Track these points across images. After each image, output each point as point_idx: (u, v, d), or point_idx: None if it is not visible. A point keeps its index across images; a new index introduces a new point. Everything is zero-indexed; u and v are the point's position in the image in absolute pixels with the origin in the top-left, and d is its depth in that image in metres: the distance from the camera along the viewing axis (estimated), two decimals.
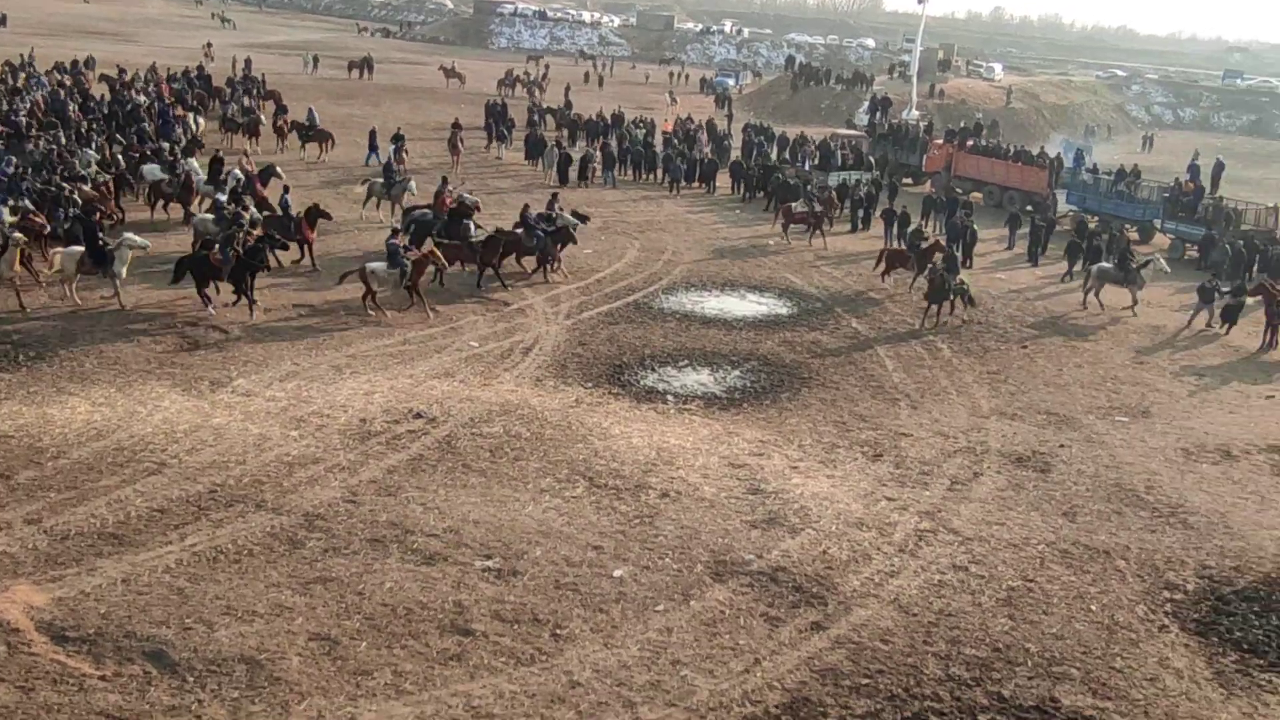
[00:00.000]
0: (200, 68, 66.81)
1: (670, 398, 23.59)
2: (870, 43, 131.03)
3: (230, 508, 17.16)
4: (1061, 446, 22.28)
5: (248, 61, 71.56)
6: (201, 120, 50.01)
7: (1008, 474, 20.79)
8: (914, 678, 14.13)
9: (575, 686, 13.41)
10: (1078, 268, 35.91)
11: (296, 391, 22.11)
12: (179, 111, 49.46)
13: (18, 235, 25.99)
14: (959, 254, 34.65)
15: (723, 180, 48.94)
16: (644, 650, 14.27)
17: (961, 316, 30.26)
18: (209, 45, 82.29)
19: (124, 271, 26.47)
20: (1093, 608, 16.19)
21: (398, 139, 46.14)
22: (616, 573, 16.12)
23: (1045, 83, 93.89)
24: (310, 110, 51.30)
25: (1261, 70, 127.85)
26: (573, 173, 46.71)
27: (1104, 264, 33.64)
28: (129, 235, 27.18)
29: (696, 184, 48.37)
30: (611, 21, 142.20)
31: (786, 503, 18.77)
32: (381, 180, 38.26)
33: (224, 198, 32.19)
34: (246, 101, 55.38)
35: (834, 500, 19.01)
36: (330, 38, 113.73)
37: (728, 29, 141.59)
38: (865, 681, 13.97)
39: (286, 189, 34.50)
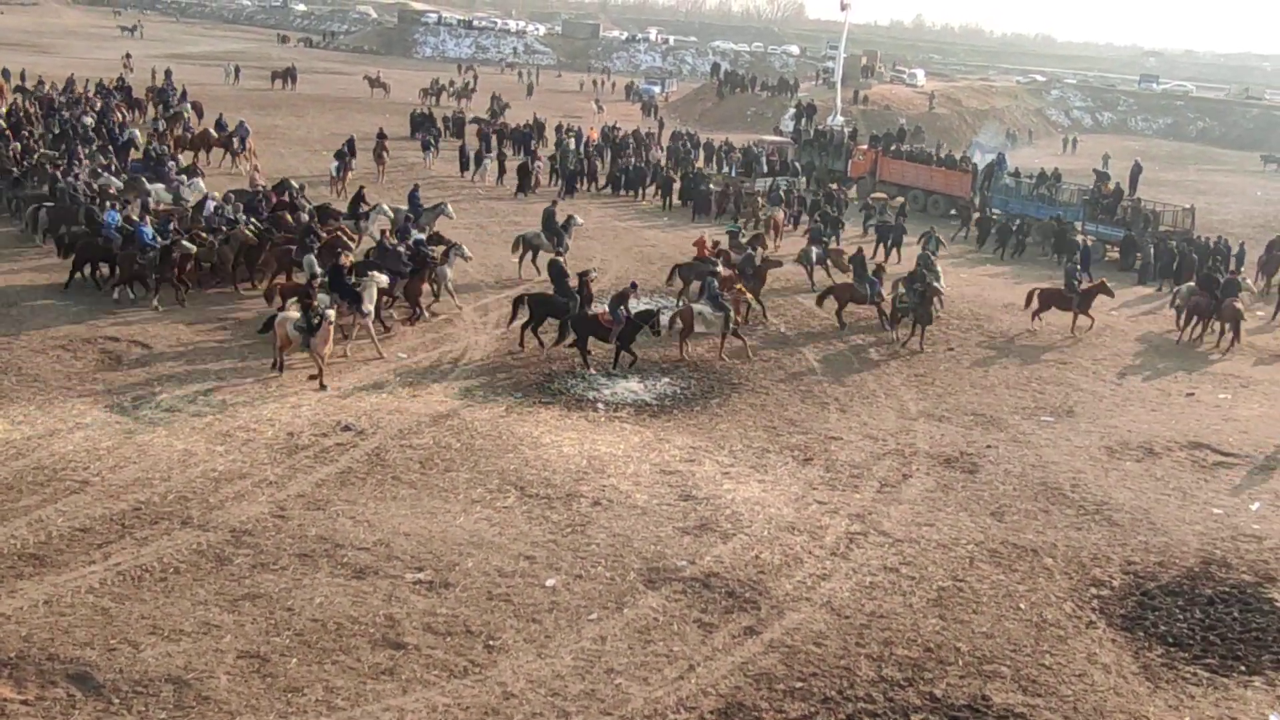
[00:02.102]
0: (121, 79, 65.78)
1: (601, 405, 23.56)
2: (795, 50, 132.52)
3: (155, 525, 16.85)
4: (988, 447, 22.56)
5: (168, 72, 70.50)
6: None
7: (936, 475, 21.00)
8: (847, 680, 14.21)
9: (509, 698, 13.32)
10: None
11: (221, 406, 21.79)
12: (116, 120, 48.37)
13: (330, 313, 23.41)
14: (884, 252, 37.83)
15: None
16: (578, 659, 14.22)
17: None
18: (128, 56, 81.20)
19: (373, 310, 25.68)
20: (1021, 606, 16.39)
21: (340, 155, 44.72)
22: (549, 582, 16.06)
23: (967, 88, 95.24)
24: (241, 123, 50.22)
25: (1175, 74, 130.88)
26: (496, 176, 46.77)
27: (1193, 284, 32.95)
28: (373, 273, 26.28)
29: (625, 192, 48.59)
30: (537, 30, 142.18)
31: (718, 508, 18.81)
32: (406, 208, 34.89)
33: (423, 236, 30.10)
34: (189, 110, 54.36)
35: (765, 505, 19.09)
36: (252, 48, 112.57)
37: (653, 37, 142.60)
38: (799, 685, 14.03)
39: (408, 218, 33.09)
